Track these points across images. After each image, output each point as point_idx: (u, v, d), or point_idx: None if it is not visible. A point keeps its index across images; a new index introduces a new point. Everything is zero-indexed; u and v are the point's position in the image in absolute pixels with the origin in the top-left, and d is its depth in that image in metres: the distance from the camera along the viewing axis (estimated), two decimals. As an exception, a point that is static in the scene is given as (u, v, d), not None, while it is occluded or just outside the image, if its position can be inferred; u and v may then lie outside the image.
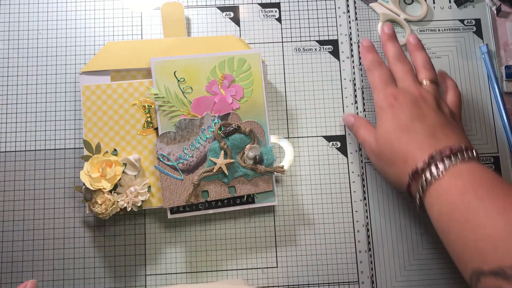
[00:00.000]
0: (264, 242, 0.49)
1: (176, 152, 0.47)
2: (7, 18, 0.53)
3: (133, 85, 0.48)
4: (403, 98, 0.44)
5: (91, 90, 0.48)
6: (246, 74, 0.49)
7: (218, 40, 0.50)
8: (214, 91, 0.48)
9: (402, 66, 0.47)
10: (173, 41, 0.50)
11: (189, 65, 0.48)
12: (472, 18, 0.55)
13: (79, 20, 0.53)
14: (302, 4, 0.54)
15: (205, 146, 0.47)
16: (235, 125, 0.47)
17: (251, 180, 0.47)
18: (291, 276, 0.49)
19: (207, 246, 0.49)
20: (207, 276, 0.49)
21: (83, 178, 0.45)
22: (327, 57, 0.53)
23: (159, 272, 0.48)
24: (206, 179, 0.47)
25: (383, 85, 0.46)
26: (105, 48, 0.49)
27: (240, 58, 0.48)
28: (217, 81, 0.48)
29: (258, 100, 0.48)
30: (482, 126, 0.52)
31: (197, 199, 0.47)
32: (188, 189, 0.46)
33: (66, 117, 0.51)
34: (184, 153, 0.47)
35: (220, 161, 0.46)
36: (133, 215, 0.49)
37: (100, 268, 0.48)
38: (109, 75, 0.49)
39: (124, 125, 0.48)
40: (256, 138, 0.48)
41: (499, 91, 0.52)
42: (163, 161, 0.47)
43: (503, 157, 0.52)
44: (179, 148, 0.47)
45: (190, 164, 0.47)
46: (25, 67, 0.52)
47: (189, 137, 0.47)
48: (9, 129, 0.50)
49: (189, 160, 0.47)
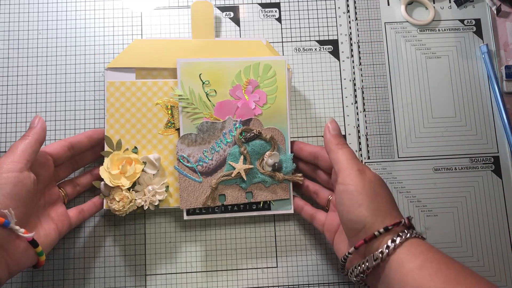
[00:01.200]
0: (264, 242, 0.49)
1: (196, 154, 0.47)
2: (7, 18, 0.53)
3: (157, 84, 0.48)
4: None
5: (115, 86, 0.48)
6: (270, 80, 0.48)
7: (245, 44, 0.50)
8: (238, 96, 0.48)
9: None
10: (200, 43, 0.50)
11: (215, 68, 0.48)
12: (472, 18, 0.55)
13: (79, 20, 0.53)
14: (302, 4, 0.54)
15: (225, 150, 0.47)
16: (256, 131, 0.47)
17: (268, 187, 0.47)
18: (291, 276, 0.49)
19: (207, 246, 0.49)
20: (206, 276, 0.49)
21: (102, 174, 0.45)
22: (327, 57, 0.53)
23: (159, 272, 0.48)
24: (224, 183, 0.47)
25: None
26: (132, 45, 0.49)
27: (266, 64, 0.48)
28: (241, 86, 0.48)
29: (281, 107, 0.48)
30: (482, 126, 0.52)
31: (214, 202, 0.47)
32: (205, 192, 0.46)
33: (66, 117, 0.51)
34: (204, 156, 0.47)
35: (239, 166, 0.46)
36: (134, 214, 0.49)
37: (100, 268, 0.48)
38: (134, 73, 0.49)
39: (146, 123, 0.48)
40: (277, 145, 0.47)
41: (499, 91, 0.52)
42: (183, 162, 0.47)
43: (503, 157, 0.52)
44: (199, 150, 0.47)
45: (209, 167, 0.47)
46: (25, 67, 0.52)
47: (210, 140, 0.47)
48: (9, 129, 0.50)
49: (208, 163, 0.47)
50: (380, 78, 0.53)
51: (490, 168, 0.52)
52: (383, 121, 0.52)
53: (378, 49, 0.54)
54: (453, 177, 0.51)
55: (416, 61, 0.54)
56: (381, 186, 0.40)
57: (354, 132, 0.52)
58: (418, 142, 0.52)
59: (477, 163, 0.52)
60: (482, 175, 0.52)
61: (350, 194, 0.38)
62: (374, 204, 0.38)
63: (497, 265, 0.50)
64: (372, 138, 0.52)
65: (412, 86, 0.53)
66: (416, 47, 0.54)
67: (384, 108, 0.53)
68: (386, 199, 0.39)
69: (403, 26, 0.54)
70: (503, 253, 0.50)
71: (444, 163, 0.52)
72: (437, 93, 0.53)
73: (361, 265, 0.38)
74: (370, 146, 0.52)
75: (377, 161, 0.52)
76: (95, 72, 0.52)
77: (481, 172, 0.52)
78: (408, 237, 0.36)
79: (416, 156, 0.52)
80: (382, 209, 0.38)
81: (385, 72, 0.53)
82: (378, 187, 0.39)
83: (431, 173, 0.51)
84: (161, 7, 0.54)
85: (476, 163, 0.52)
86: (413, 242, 0.37)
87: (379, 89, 0.53)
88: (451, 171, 0.51)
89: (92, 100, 0.51)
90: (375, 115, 0.52)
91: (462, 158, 0.52)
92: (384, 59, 0.53)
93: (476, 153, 0.52)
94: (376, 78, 0.53)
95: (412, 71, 0.53)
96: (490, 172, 0.52)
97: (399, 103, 0.53)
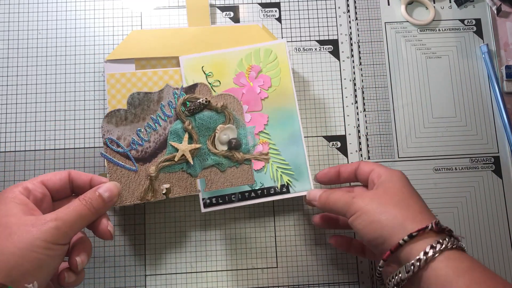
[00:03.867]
0: (264, 242, 0.49)
1: (128, 136, 0.38)
2: (6, 18, 0.52)
3: (157, 74, 0.48)
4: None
5: (115, 78, 0.48)
6: (273, 63, 0.48)
7: (242, 29, 0.50)
8: (242, 83, 0.48)
9: None
10: (197, 30, 0.50)
11: (216, 59, 0.48)
12: (473, 18, 0.55)
13: (79, 20, 0.53)
14: (302, 4, 0.54)
15: (166, 128, 0.38)
16: (203, 100, 0.38)
17: (225, 171, 0.39)
18: (291, 276, 0.49)
19: (207, 246, 0.49)
20: (207, 276, 0.48)
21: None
22: (327, 57, 0.53)
23: (158, 272, 0.48)
24: (166, 170, 0.38)
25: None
26: (130, 36, 0.50)
27: (267, 49, 0.48)
28: (244, 73, 0.48)
29: (286, 88, 0.48)
30: (483, 126, 0.52)
31: (156, 195, 0.38)
32: (143, 183, 0.38)
33: (66, 117, 0.51)
34: (138, 137, 0.38)
35: (183, 147, 0.37)
36: (133, 215, 0.49)
37: (100, 268, 0.48)
38: (134, 63, 0.49)
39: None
40: (232, 116, 0.39)
41: (499, 91, 0.52)
42: (111, 147, 0.38)
43: (503, 157, 0.52)
44: (131, 130, 0.38)
45: (146, 150, 0.38)
46: (24, 67, 0.51)
47: (144, 116, 0.38)
48: (9, 129, 0.50)
49: (144, 146, 0.38)
50: (380, 78, 0.53)
51: (491, 168, 0.52)
52: (383, 121, 0.52)
53: (378, 49, 0.54)
54: (454, 177, 0.51)
55: (416, 61, 0.53)
56: (398, 186, 0.38)
57: (354, 132, 0.52)
58: (418, 142, 0.52)
59: (477, 163, 0.52)
60: (482, 175, 0.51)
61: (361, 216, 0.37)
62: (389, 213, 0.36)
63: (498, 265, 0.50)
64: (372, 138, 0.52)
65: (412, 86, 0.53)
66: (417, 47, 0.54)
67: (384, 108, 0.53)
68: (408, 199, 0.37)
69: (403, 26, 0.54)
70: (503, 253, 0.50)
71: (444, 163, 0.52)
72: (437, 93, 0.53)
73: (395, 277, 0.36)
74: (370, 146, 0.52)
75: (377, 161, 0.51)
76: (95, 72, 0.52)
77: (482, 172, 0.52)
78: (443, 249, 0.34)
79: (416, 156, 0.52)
80: (403, 214, 0.36)
81: (385, 72, 0.53)
82: (392, 189, 0.38)
83: (431, 173, 0.51)
84: (161, 7, 0.54)
85: (476, 163, 0.52)
86: (451, 255, 0.34)
87: (379, 89, 0.53)
88: (451, 171, 0.51)
89: (92, 100, 0.51)
90: (375, 115, 0.52)
91: (462, 158, 0.52)
92: (384, 59, 0.53)
93: (476, 153, 0.52)
94: (376, 78, 0.53)
95: (413, 71, 0.53)
96: (491, 172, 0.51)
97: (399, 103, 0.53)
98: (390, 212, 0.36)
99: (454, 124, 0.52)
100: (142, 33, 0.50)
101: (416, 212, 0.37)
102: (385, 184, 0.39)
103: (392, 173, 0.40)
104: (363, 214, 0.37)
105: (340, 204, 0.40)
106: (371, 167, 0.42)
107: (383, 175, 0.40)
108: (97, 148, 0.50)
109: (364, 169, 0.43)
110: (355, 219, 0.38)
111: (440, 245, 0.34)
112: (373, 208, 0.37)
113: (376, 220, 0.36)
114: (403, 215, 0.36)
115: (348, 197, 0.40)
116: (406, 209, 0.37)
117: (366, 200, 0.38)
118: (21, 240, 0.33)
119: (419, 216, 0.36)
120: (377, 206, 0.37)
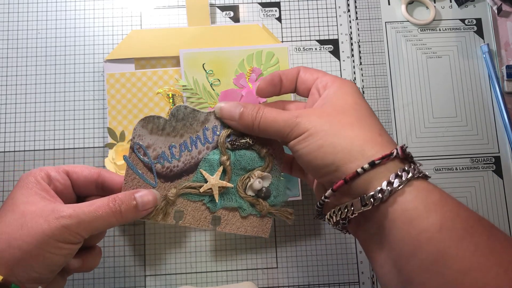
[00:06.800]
0: (264, 242, 0.49)
1: (159, 148, 0.35)
2: (6, 18, 0.52)
3: (157, 73, 0.48)
4: None
5: (115, 78, 0.48)
6: (274, 68, 0.48)
7: (242, 29, 0.50)
8: (242, 84, 0.48)
9: None
10: (197, 30, 0.50)
11: (217, 57, 0.48)
12: (473, 18, 0.55)
13: (78, 20, 0.53)
14: (302, 4, 0.54)
15: (201, 153, 0.36)
16: (251, 140, 0.35)
17: (245, 217, 0.36)
18: (291, 277, 0.49)
19: (207, 247, 0.49)
20: (206, 277, 0.48)
21: (108, 165, 0.45)
22: (327, 56, 0.53)
23: (158, 272, 0.48)
24: (185, 197, 0.35)
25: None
26: (129, 36, 0.50)
27: (269, 52, 0.48)
28: (245, 74, 0.48)
29: (285, 95, 0.48)
30: (483, 126, 0.52)
31: (165, 219, 0.35)
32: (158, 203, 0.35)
33: (65, 117, 0.51)
34: (169, 152, 0.35)
35: (214, 181, 0.35)
36: (133, 215, 0.49)
37: (100, 268, 0.48)
38: (133, 63, 0.49)
39: (148, 113, 0.48)
40: (272, 164, 0.36)
41: (500, 91, 0.52)
42: (137, 154, 0.35)
43: (504, 157, 0.52)
44: (165, 143, 0.35)
45: (173, 169, 0.35)
46: (24, 67, 0.51)
47: (183, 132, 0.35)
48: (8, 129, 0.50)
49: (172, 164, 0.35)
50: (381, 78, 0.53)
51: (491, 168, 0.51)
52: (384, 120, 0.52)
53: (378, 48, 0.54)
54: (454, 177, 0.51)
55: (416, 61, 0.53)
56: (350, 101, 0.32)
57: (355, 132, 0.52)
58: (418, 142, 0.52)
59: (478, 163, 0.52)
60: (483, 175, 0.51)
61: (308, 138, 0.31)
62: (344, 135, 0.30)
63: (498, 266, 0.50)
64: (373, 138, 0.52)
65: (412, 86, 0.53)
66: (417, 47, 0.54)
67: (385, 108, 0.52)
68: (365, 119, 0.31)
69: (403, 26, 0.54)
70: (504, 254, 0.50)
71: (445, 163, 0.51)
72: (437, 93, 0.53)
73: (343, 210, 0.30)
74: (371, 146, 0.52)
75: (377, 161, 0.51)
76: (95, 72, 0.52)
77: (482, 172, 0.51)
78: (410, 178, 0.28)
79: (416, 156, 0.51)
80: (360, 136, 0.30)
81: (385, 72, 0.53)
82: (344, 105, 0.32)
83: (432, 173, 0.51)
84: (161, 7, 0.53)
85: (477, 163, 0.52)
86: (419, 186, 0.28)
87: (379, 89, 0.53)
88: (452, 171, 0.51)
89: (91, 100, 0.51)
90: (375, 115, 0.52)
91: (463, 158, 0.52)
92: (385, 59, 0.53)
93: (477, 153, 0.52)
94: (377, 78, 0.53)
95: (413, 71, 0.53)
96: (491, 172, 0.51)
97: (400, 103, 0.52)
98: (345, 134, 0.30)
99: (455, 124, 0.52)
100: (142, 32, 0.50)
101: (376, 134, 0.31)
102: (334, 99, 0.33)
103: (342, 84, 0.34)
104: (310, 137, 0.31)
105: (279, 125, 0.32)
106: (315, 75, 0.35)
107: (331, 86, 0.34)
108: (96, 148, 0.50)
109: (306, 76, 0.36)
110: (299, 143, 0.31)
111: (407, 173, 0.28)
112: (323, 129, 0.30)
113: (327, 144, 0.30)
114: (360, 138, 0.30)
115: (289, 116, 0.32)
116: (363, 130, 0.30)
117: (313, 120, 0.31)
118: (30, 234, 0.31)
119: (378, 138, 0.30)
120: (329, 127, 0.30)
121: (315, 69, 0.36)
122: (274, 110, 0.33)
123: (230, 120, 0.35)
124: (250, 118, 0.33)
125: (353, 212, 0.30)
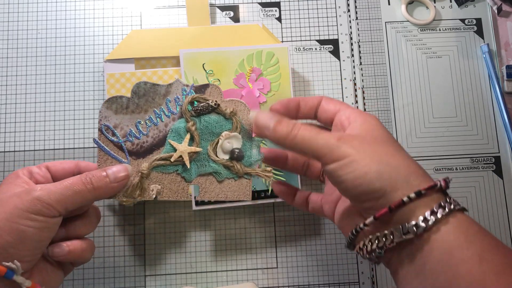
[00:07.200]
0: (264, 242, 0.49)
1: (125, 126, 0.36)
2: (6, 18, 0.52)
3: (157, 73, 0.48)
4: None
5: (115, 78, 0.48)
6: (274, 68, 0.48)
7: (242, 29, 0.50)
8: (242, 84, 0.48)
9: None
10: (197, 30, 0.50)
11: (218, 57, 0.48)
12: (473, 18, 0.55)
13: (78, 19, 0.53)
14: (302, 4, 0.54)
15: (167, 125, 0.36)
16: (213, 102, 0.35)
17: (222, 182, 0.36)
18: (291, 277, 0.49)
19: (207, 247, 0.49)
20: (206, 277, 0.48)
21: None
22: (327, 56, 0.53)
23: (158, 272, 0.48)
24: (159, 170, 0.36)
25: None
26: (129, 36, 0.50)
27: (269, 52, 0.48)
28: (245, 74, 0.48)
29: (285, 94, 0.48)
30: (483, 126, 0.52)
31: (143, 194, 0.36)
32: (132, 180, 0.36)
33: (65, 117, 0.51)
34: (136, 129, 0.36)
35: (182, 148, 0.35)
36: (132, 215, 0.49)
37: (100, 268, 0.48)
38: (133, 63, 0.49)
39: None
40: (240, 125, 0.36)
41: (500, 91, 0.52)
42: (106, 135, 0.36)
43: (504, 157, 0.52)
44: (131, 121, 0.36)
45: (142, 145, 0.36)
46: (24, 67, 0.51)
47: (147, 108, 0.36)
48: (8, 129, 0.50)
49: (141, 140, 0.36)
50: (381, 78, 0.53)
51: (491, 168, 0.51)
52: (384, 121, 0.52)
53: (378, 48, 0.54)
54: (454, 177, 0.51)
55: (416, 61, 0.53)
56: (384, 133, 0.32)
57: (355, 132, 0.52)
58: (419, 142, 0.52)
59: (478, 163, 0.52)
60: (483, 175, 0.51)
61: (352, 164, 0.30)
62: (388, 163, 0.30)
63: (498, 266, 0.50)
64: (373, 138, 0.52)
65: (412, 86, 0.53)
66: (417, 47, 0.54)
67: (385, 108, 0.52)
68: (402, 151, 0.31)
69: (403, 26, 0.54)
70: (504, 254, 0.50)
71: (445, 163, 0.51)
72: (437, 93, 0.53)
73: (381, 239, 0.30)
74: (371, 146, 0.52)
75: (377, 161, 0.51)
76: (95, 72, 0.52)
77: (482, 172, 0.51)
78: (453, 209, 0.28)
79: (417, 156, 0.51)
80: (405, 167, 0.30)
81: (385, 71, 0.53)
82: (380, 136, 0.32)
83: (432, 173, 0.51)
84: (161, 7, 0.53)
85: (477, 163, 0.52)
86: (460, 218, 0.28)
87: (379, 89, 0.53)
88: (452, 171, 0.51)
89: (91, 100, 0.51)
90: (375, 115, 0.52)
91: (463, 158, 0.52)
92: (385, 59, 0.53)
93: (477, 153, 0.52)
94: (377, 78, 0.53)
95: (413, 70, 0.53)
96: (491, 172, 0.51)
97: (400, 103, 0.52)
98: (390, 163, 0.30)
99: (455, 124, 0.52)
100: (142, 32, 0.50)
101: (417, 166, 0.30)
102: (369, 130, 0.32)
103: (368, 117, 0.34)
104: (355, 162, 0.30)
105: (318, 144, 0.31)
106: (336, 106, 0.35)
107: (357, 119, 0.33)
108: (96, 148, 0.49)
109: (328, 107, 0.35)
110: (342, 168, 0.30)
111: (449, 204, 0.28)
112: (368, 156, 0.30)
113: (372, 171, 0.29)
114: (405, 168, 0.30)
115: (329, 137, 0.31)
116: (406, 161, 0.30)
117: (356, 145, 0.30)
118: (4, 211, 0.32)
119: (421, 170, 0.30)
120: (373, 155, 0.30)
121: (338, 101, 0.36)
122: (312, 128, 0.32)
123: (266, 130, 0.34)
124: (285, 130, 0.32)
125: (392, 241, 0.29)
